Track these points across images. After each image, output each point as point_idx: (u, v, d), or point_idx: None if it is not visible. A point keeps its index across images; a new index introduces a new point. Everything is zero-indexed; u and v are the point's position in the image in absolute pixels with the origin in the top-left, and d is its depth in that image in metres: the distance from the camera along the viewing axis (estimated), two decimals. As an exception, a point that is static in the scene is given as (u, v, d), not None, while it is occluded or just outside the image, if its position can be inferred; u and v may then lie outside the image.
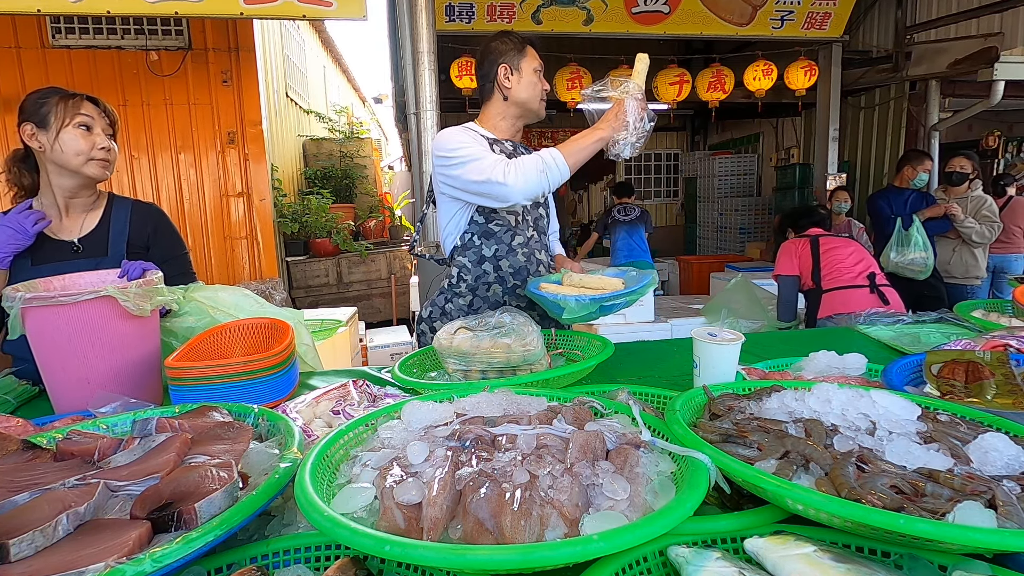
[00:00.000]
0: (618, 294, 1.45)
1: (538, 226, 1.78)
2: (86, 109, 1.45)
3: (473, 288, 1.74)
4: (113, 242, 1.54)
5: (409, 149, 3.92)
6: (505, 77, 1.70)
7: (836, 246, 3.01)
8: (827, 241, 3.05)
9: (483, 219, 1.70)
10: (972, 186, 3.96)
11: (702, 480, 0.65)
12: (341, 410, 1.08)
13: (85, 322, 1.17)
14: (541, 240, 1.77)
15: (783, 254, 3.11)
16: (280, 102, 6.71)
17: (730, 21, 4.86)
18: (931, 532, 0.54)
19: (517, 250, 1.70)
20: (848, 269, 2.92)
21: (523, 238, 1.72)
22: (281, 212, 5.83)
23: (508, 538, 0.59)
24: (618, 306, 1.47)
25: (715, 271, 5.65)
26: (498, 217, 1.70)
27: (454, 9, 4.52)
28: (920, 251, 3.64)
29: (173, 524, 0.63)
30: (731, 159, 8.36)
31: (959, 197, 3.97)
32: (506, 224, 1.71)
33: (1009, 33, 4.35)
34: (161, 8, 3.20)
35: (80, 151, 1.43)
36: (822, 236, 3.07)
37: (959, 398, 1.02)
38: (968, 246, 3.94)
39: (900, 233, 3.73)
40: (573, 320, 1.44)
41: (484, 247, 1.70)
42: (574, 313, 1.40)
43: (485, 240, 1.70)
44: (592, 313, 1.42)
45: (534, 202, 1.72)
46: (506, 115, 1.75)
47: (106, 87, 4.81)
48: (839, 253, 2.98)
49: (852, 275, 2.90)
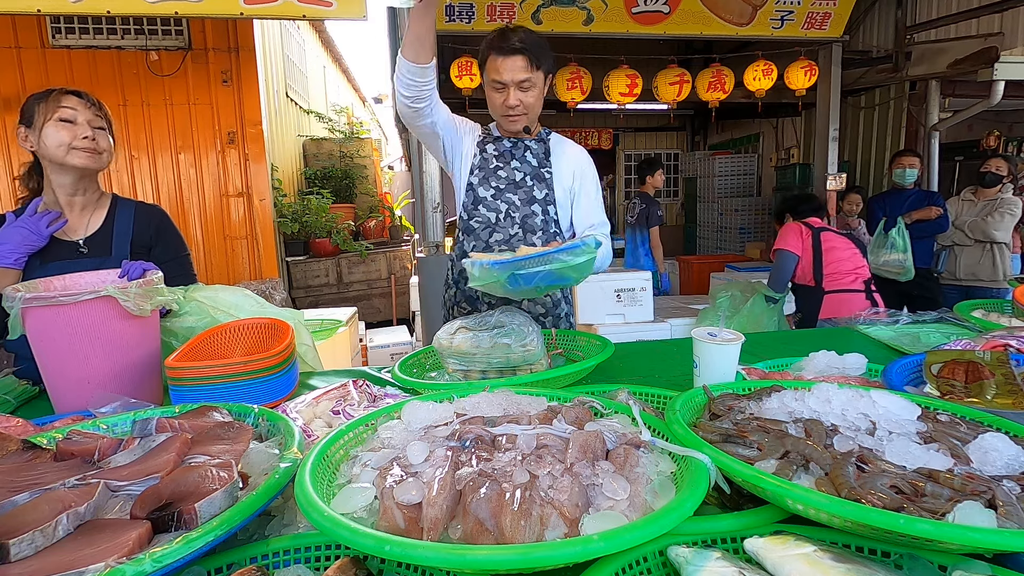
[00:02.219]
0: (525, 258, 1.20)
1: (526, 224, 1.71)
2: (68, 103, 1.45)
3: (456, 281, 1.81)
4: (117, 243, 1.55)
5: (409, 149, 3.92)
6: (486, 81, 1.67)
7: (836, 246, 3.02)
8: (828, 238, 3.05)
9: (466, 215, 1.74)
10: (1003, 189, 3.88)
11: (702, 480, 0.65)
12: (341, 410, 1.08)
13: (85, 322, 1.17)
14: (527, 238, 1.71)
15: (788, 232, 3.12)
16: (280, 102, 6.71)
17: (730, 21, 4.85)
18: (931, 532, 0.54)
19: (494, 247, 1.71)
20: (848, 272, 2.94)
21: (503, 235, 1.71)
22: (281, 212, 5.83)
23: (508, 538, 0.59)
24: (537, 276, 1.20)
25: (715, 271, 5.65)
26: (478, 214, 1.72)
27: (454, 9, 4.51)
28: (898, 253, 3.62)
29: (173, 524, 0.63)
30: (731, 159, 8.35)
31: (988, 199, 3.88)
32: (485, 221, 1.72)
33: (1009, 33, 4.34)
34: (161, 8, 3.20)
35: (61, 142, 1.43)
36: (823, 231, 3.08)
37: (959, 398, 1.02)
38: (995, 250, 3.85)
39: (879, 235, 3.73)
40: (479, 286, 1.25)
41: (466, 242, 1.75)
42: (476, 280, 1.23)
43: (466, 236, 1.75)
44: (500, 282, 1.21)
45: (526, 199, 1.70)
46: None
47: (106, 87, 4.81)
48: (840, 254, 2.99)
49: (851, 279, 2.95)
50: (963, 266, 3.93)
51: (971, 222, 3.86)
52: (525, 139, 1.77)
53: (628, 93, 5.14)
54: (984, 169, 3.90)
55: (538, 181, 1.74)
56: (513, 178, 1.73)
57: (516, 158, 1.75)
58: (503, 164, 1.74)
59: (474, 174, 1.73)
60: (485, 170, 1.73)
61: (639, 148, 9.41)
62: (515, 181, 1.73)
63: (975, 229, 3.85)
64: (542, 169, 1.75)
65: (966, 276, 3.91)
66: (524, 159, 1.75)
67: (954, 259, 3.99)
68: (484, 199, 1.72)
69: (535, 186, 1.73)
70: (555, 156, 1.77)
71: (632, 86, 5.12)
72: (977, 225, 3.83)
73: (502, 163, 1.74)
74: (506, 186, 1.72)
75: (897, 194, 4.04)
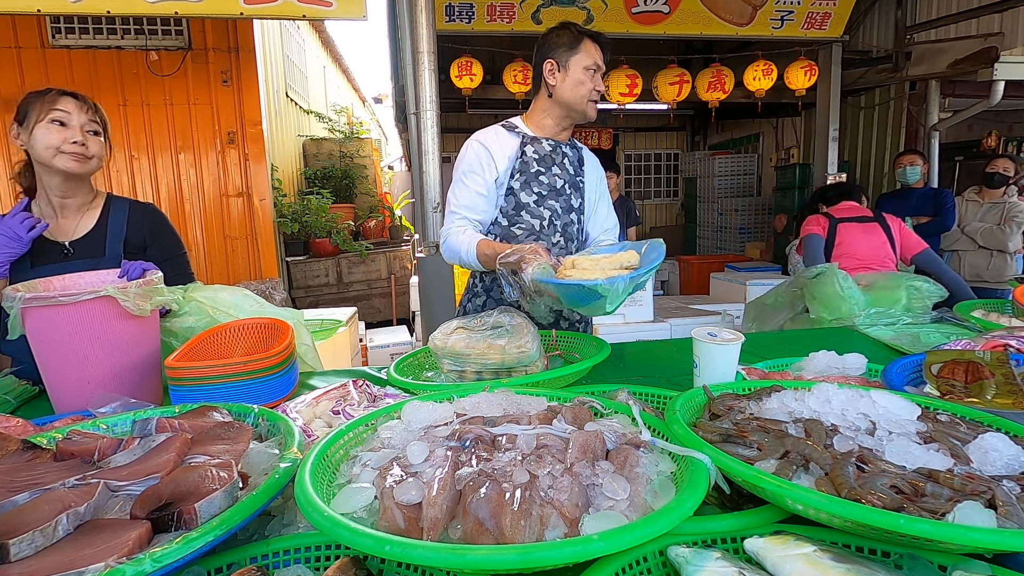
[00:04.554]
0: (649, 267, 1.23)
1: (567, 233, 1.68)
2: (62, 104, 1.42)
3: (488, 289, 1.72)
4: (110, 242, 1.54)
5: (409, 149, 3.92)
6: (550, 73, 1.61)
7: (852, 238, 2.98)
8: (847, 228, 3.01)
9: (507, 222, 1.65)
10: (1009, 191, 3.84)
11: (702, 480, 0.65)
12: (341, 410, 1.08)
13: (85, 322, 1.17)
14: (568, 248, 1.68)
15: (809, 221, 3.16)
16: (280, 102, 6.71)
17: (730, 21, 4.85)
18: (931, 532, 0.54)
19: None
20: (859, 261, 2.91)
21: (546, 244, 1.62)
22: (281, 212, 5.83)
23: (508, 538, 0.59)
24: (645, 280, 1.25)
25: (715, 271, 5.64)
26: (522, 221, 1.63)
27: (454, 9, 4.51)
28: None
29: (173, 524, 0.63)
30: (731, 159, 8.35)
31: (995, 200, 3.84)
32: (529, 228, 1.63)
33: (1009, 33, 4.34)
34: (161, 8, 3.20)
35: (49, 144, 1.41)
36: (843, 222, 3.05)
37: (959, 398, 1.02)
38: (1001, 252, 3.81)
39: None
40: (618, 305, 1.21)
41: None
42: (619, 298, 1.17)
43: (506, 242, 1.61)
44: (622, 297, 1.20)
45: (565, 207, 1.67)
46: (550, 113, 1.67)
47: (106, 87, 4.82)
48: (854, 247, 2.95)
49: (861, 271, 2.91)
50: (968, 266, 3.92)
51: (984, 231, 3.82)
52: (563, 145, 1.71)
53: (628, 93, 5.14)
54: (991, 169, 3.84)
55: (574, 190, 1.70)
56: (554, 184, 1.66)
57: (556, 163, 1.67)
58: (544, 169, 1.65)
59: (515, 178, 1.63)
60: (527, 174, 1.64)
61: (639, 148, 9.41)
62: (556, 188, 1.66)
63: (988, 238, 3.80)
64: (577, 178, 1.71)
65: (971, 277, 3.90)
66: (563, 166, 1.69)
67: (958, 260, 3.98)
68: (527, 205, 1.63)
69: (572, 195, 1.69)
70: (587, 165, 1.75)
71: (632, 86, 5.12)
72: (993, 235, 3.79)
73: (543, 167, 1.65)
74: (548, 192, 1.65)
75: (906, 193, 4.03)
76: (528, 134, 1.67)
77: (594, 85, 1.61)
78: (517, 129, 1.68)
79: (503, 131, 1.68)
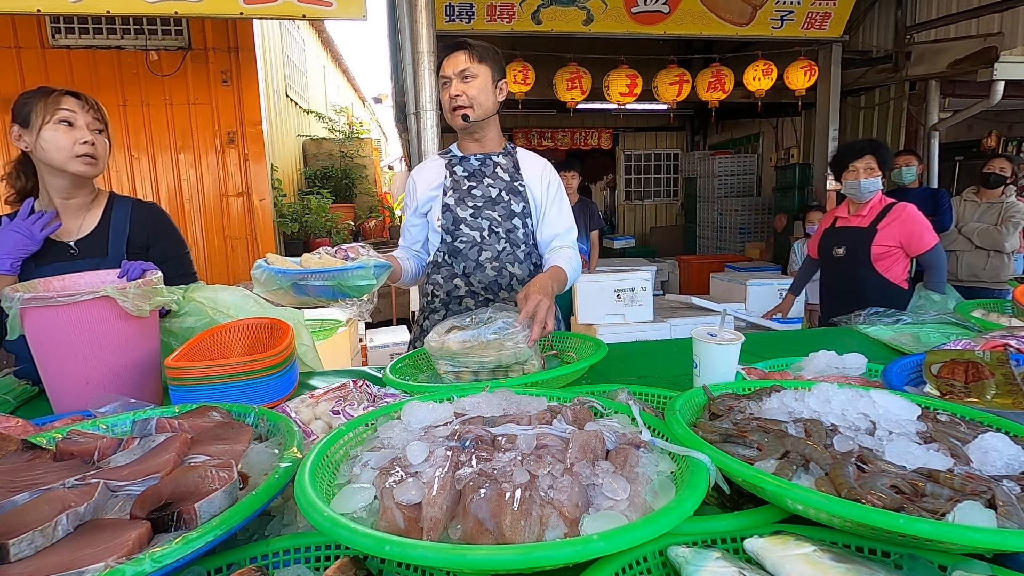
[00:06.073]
0: (311, 271, 1.25)
1: (511, 238, 1.70)
2: (67, 104, 1.41)
3: (446, 303, 1.74)
4: (113, 242, 1.53)
5: (409, 149, 3.92)
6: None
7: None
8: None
9: (449, 237, 1.69)
10: (1007, 191, 3.83)
11: (702, 480, 0.65)
12: (341, 410, 1.08)
13: (84, 322, 1.17)
14: (515, 252, 1.70)
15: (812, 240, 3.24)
16: (280, 102, 6.71)
17: (730, 21, 4.86)
18: (931, 532, 0.54)
19: (486, 265, 1.67)
20: None
21: (491, 252, 1.67)
22: (281, 212, 5.83)
23: (508, 538, 0.59)
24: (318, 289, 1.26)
25: (715, 271, 5.64)
26: (461, 234, 1.68)
27: (454, 9, 4.51)
28: None
29: (173, 524, 0.63)
30: (731, 159, 8.35)
31: (992, 200, 3.84)
32: (471, 240, 1.68)
33: (1009, 33, 4.35)
34: (161, 8, 3.20)
35: (61, 147, 1.40)
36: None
37: (959, 398, 1.02)
38: (998, 252, 3.80)
39: None
40: (263, 291, 1.27)
41: (454, 264, 1.69)
42: (260, 285, 1.25)
43: (454, 258, 1.69)
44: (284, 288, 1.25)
45: (505, 214, 1.69)
46: (460, 133, 1.73)
47: (106, 87, 4.81)
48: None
49: None
50: (964, 266, 3.92)
51: (981, 231, 3.81)
52: (492, 155, 1.74)
53: (628, 93, 5.14)
54: (987, 170, 3.84)
55: (514, 195, 1.71)
56: (489, 195, 1.70)
57: (487, 175, 1.71)
58: (476, 183, 1.70)
59: (448, 195, 1.69)
60: (459, 191, 1.70)
61: (639, 148, 9.42)
62: (491, 198, 1.70)
63: (985, 238, 3.80)
64: (515, 183, 1.72)
65: (968, 277, 3.90)
66: (496, 175, 1.72)
67: (955, 260, 3.98)
68: (464, 219, 1.68)
69: (512, 200, 1.71)
70: (524, 168, 1.75)
71: (632, 86, 5.12)
72: (989, 235, 3.78)
73: (474, 182, 1.71)
74: (484, 203, 1.69)
75: (902, 193, 4.03)
76: (457, 155, 1.75)
77: (445, 93, 1.65)
78: (450, 153, 1.78)
79: (437, 158, 1.80)
